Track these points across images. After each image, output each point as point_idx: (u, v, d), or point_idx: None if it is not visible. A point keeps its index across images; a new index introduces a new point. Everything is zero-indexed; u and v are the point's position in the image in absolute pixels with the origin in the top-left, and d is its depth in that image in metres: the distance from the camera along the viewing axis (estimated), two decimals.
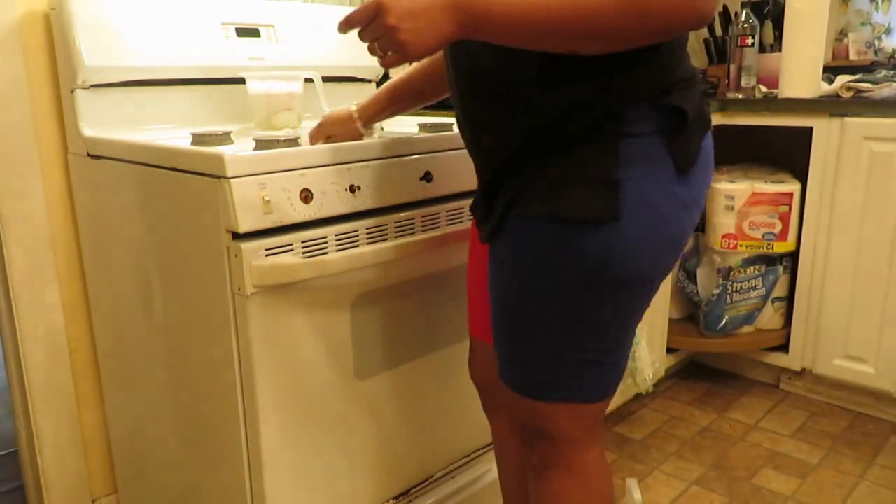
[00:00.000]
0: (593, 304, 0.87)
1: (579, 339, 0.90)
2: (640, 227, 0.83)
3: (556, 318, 0.88)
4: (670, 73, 0.83)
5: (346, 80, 1.62)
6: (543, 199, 0.84)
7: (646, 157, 0.82)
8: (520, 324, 0.92)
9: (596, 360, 0.91)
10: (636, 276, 0.86)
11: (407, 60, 0.78)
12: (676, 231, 0.87)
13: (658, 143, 0.82)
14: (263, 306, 1.03)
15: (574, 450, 0.99)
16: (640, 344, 1.84)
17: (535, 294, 0.89)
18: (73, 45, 1.27)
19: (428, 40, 0.76)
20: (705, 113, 0.90)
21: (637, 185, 0.82)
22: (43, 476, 1.47)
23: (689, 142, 0.85)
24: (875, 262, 1.87)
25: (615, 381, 0.96)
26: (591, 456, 1.00)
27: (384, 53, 0.79)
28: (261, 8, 1.55)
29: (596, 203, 0.81)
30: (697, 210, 0.90)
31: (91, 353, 1.50)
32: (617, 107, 0.81)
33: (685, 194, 0.86)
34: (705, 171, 0.90)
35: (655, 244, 0.85)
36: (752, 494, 1.67)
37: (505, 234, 0.90)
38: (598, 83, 0.81)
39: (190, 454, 1.26)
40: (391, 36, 0.75)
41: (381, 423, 1.24)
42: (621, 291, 0.87)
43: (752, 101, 2.04)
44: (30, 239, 1.37)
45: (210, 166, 1.00)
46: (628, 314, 0.91)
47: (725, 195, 2.02)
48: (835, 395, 2.10)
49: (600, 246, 0.82)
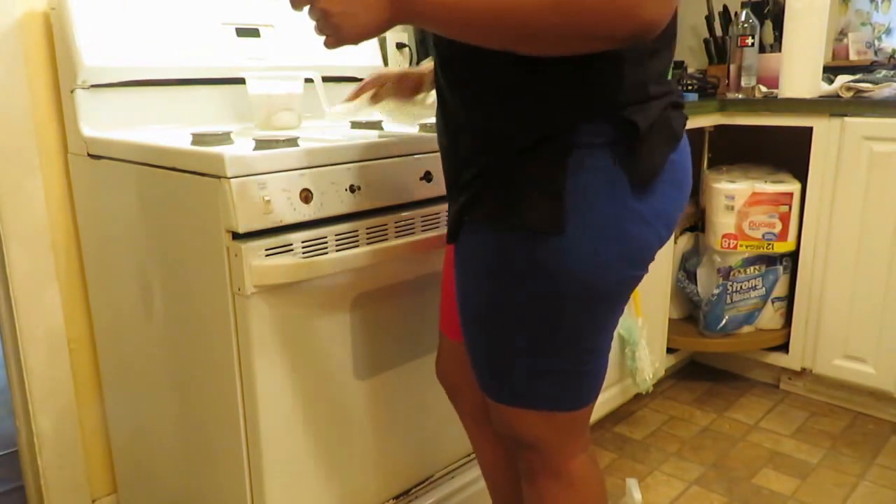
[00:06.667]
0: (548, 314, 0.85)
1: (542, 347, 0.88)
2: (587, 239, 0.81)
3: (516, 327, 0.88)
4: (629, 86, 0.80)
5: (346, 80, 1.62)
6: (491, 209, 0.84)
7: (595, 170, 0.80)
8: (477, 329, 0.92)
9: (565, 370, 0.90)
10: (585, 290, 0.83)
11: (344, 44, 0.80)
12: (632, 245, 0.84)
13: (610, 156, 0.80)
14: (263, 306, 1.03)
15: (559, 457, 0.96)
16: (640, 344, 1.84)
17: (493, 300, 0.88)
18: (73, 45, 1.27)
19: (361, 25, 0.77)
20: (672, 127, 0.86)
21: (584, 198, 0.80)
22: (43, 476, 1.47)
23: (648, 155, 0.82)
24: (875, 262, 1.87)
25: (592, 390, 0.94)
26: (579, 463, 0.98)
27: (323, 36, 0.81)
28: (261, 8, 1.55)
29: (540, 215, 0.80)
30: (664, 226, 0.87)
31: (91, 353, 1.50)
32: (569, 119, 0.80)
33: (644, 208, 0.83)
34: (676, 187, 0.87)
35: (605, 258, 0.82)
36: (752, 494, 1.67)
37: (462, 237, 0.90)
38: (550, 95, 0.80)
39: (190, 454, 1.26)
40: (325, 20, 0.78)
41: (381, 423, 1.24)
42: (576, 303, 0.84)
43: (752, 101, 2.04)
44: (30, 239, 1.37)
45: (210, 166, 1.00)
46: (592, 325, 0.88)
47: (725, 195, 2.02)
48: (835, 395, 2.10)
49: (545, 257, 0.81)
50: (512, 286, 0.85)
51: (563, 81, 0.79)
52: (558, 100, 0.80)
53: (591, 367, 0.92)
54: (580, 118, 0.80)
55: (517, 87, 0.81)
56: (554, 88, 0.79)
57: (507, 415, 0.95)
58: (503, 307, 0.87)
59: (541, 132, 0.81)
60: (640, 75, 0.81)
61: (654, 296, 1.93)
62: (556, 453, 0.96)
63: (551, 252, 0.81)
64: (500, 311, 0.88)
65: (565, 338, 0.87)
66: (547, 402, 0.92)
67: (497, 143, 0.84)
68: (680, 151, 0.88)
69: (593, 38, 0.70)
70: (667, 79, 0.87)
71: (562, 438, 0.95)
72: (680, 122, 0.88)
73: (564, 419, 0.94)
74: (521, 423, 0.95)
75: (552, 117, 0.80)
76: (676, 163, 0.87)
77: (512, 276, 0.85)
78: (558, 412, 0.93)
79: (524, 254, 0.83)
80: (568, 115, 0.80)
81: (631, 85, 0.80)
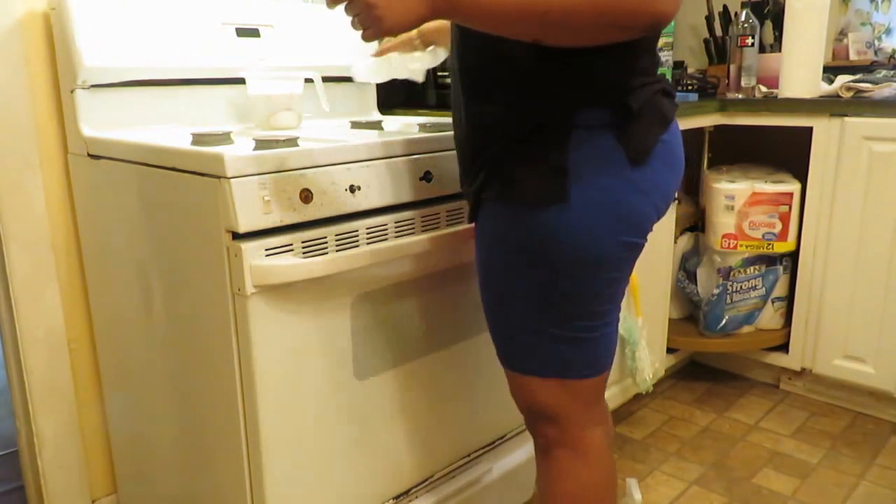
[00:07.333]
0: (557, 281, 0.94)
1: (552, 315, 0.96)
2: (589, 207, 0.90)
3: (526, 295, 0.96)
4: (623, 74, 0.91)
5: (346, 80, 1.62)
6: (504, 184, 0.94)
7: (595, 148, 0.90)
8: (497, 302, 1.01)
9: (575, 337, 0.97)
10: (590, 254, 0.92)
11: (383, 35, 0.85)
12: (630, 212, 0.92)
13: (608, 136, 0.90)
14: (263, 306, 1.03)
15: (576, 429, 1.03)
16: (640, 344, 1.84)
17: (505, 272, 0.97)
18: (73, 45, 1.27)
19: (402, 17, 0.83)
20: (662, 109, 0.95)
21: (586, 172, 0.90)
22: (43, 476, 1.47)
23: (642, 135, 0.92)
24: (875, 262, 1.87)
25: (603, 358, 1.02)
26: (594, 436, 1.04)
27: (363, 28, 0.86)
28: (261, 8, 1.55)
29: (547, 187, 0.90)
30: (661, 198, 0.96)
31: (91, 353, 1.50)
32: (572, 104, 0.90)
33: (640, 179, 0.92)
34: (669, 166, 0.96)
35: (606, 224, 0.91)
36: (752, 494, 1.67)
37: (480, 216, 1.00)
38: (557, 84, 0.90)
39: (190, 454, 1.26)
40: (368, 12, 0.83)
41: (381, 424, 1.24)
42: (581, 269, 0.93)
43: (752, 101, 2.04)
44: (30, 239, 1.37)
45: (210, 166, 1.00)
46: (598, 291, 0.96)
47: (725, 195, 2.02)
48: (835, 395, 2.10)
49: (552, 225, 0.91)
50: (522, 254, 0.94)
51: (570, 71, 0.89)
52: (563, 88, 0.90)
53: (599, 335, 0.99)
54: (582, 104, 0.90)
55: (527, 78, 0.91)
56: (561, 78, 0.89)
57: (523, 384, 1.03)
58: (514, 276, 0.96)
59: (546, 117, 0.91)
60: (634, 66, 0.92)
61: (654, 296, 1.94)
62: (572, 424, 1.03)
63: (557, 220, 0.90)
64: (511, 281, 0.97)
65: (572, 304, 0.95)
66: (558, 369, 0.99)
67: (508, 128, 0.94)
68: (671, 133, 0.97)
69: (617, 28, 0.81)
70: (656, 71, 0.97)
71: (577, 407, 1.02)
72: (669, 107, 0.98)
73: (577, 387, 1.01)
74: (535, 391, 1.02)
75: (557, 104, 0.90)
76: (668, 143, 0.96)
77: (522, 245, 0.94)
78: (570, 380, 1.00)
79: (533, 223, 0.92)
80: (571, 101, 0.90)
81: (626, 74, 0.91)
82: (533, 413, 1.05)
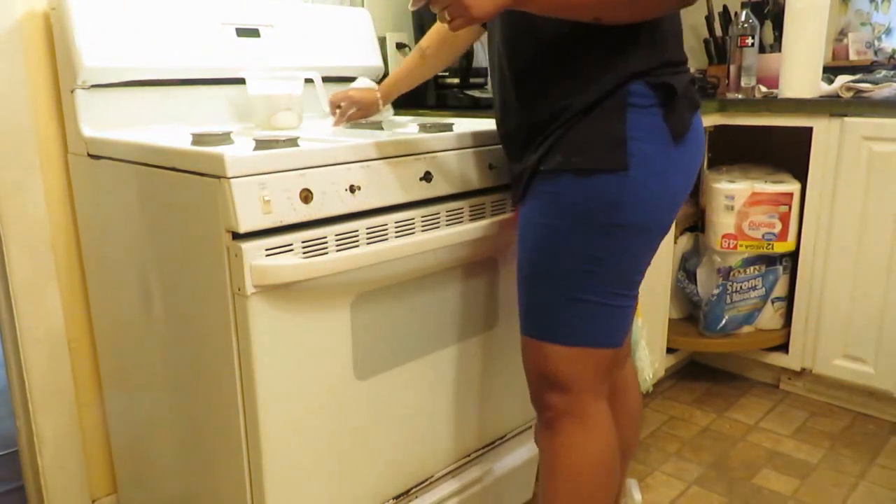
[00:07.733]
0: (607, 246, 1.02)
1: (594, 281, 1.03)
2: (645, 177, 1.00)
3: (574, 262, 1.03)
4: (662, 56, 1.02)
5: (346, 80, 1.62)
6: (567, 155, 1.02)
7: (647, 125, 1.00)
8: (541, 272, 1.06)
9: (607, 304, 1.05)
10: (643, 221, 1.02)
11: (471, 23, 0.92)
12: (673, 188, 1.03)
13: (657, 115, 1.00)
14: (263, 306, 1.03)
15: (585, 400, 1.08)
16: (640, 344, 1.84)
17: (558, 240, 1.04)
18: (73, 45, 1.27)
19: (487, 5, 0.90)
20: (692, 94, 1.06)
21: (641, 146, 0.99)
22: (43, 476, 1.47)
23: (681, 116, 1.02)
24: (875, 262, 1.87)
25: (623, 329, 1.08)
26: (601, 407, 1.10)
27: (452, 18, 0.92)
28: (261, 8, 1.55)
29: (609, 156, 0.99)
30: (689, 178, 1.06)
31: (91, 353, 1.50)
32: (622, 83, 0.99)
33: (680, 159, 1.03)
34: (696, 148, 1.06)
35: (657, 195, 1.01)
36: (752, 494, 1.67)
37: (533, 193, 1.07)
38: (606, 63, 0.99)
39: (190, 454, 1.26)
40: (459, 2, 0.89)
41: (381, 423, 1.24)
42: (630, 235, 1.02)
43: (752, 101, 2.04)
44: (30, 239, 1.38)
45: (210, 166, 1.00)
46: (637, 259, 1.05)
47: (725, 195, 2.02)
48: (835, 395, 2.10)
49: (614, 192, 0.99)
50: (578, 218, 1.01)
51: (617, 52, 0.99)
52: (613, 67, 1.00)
53: (626, 303, 1.07)
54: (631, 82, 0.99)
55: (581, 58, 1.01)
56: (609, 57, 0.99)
57: (544, 352, 1.08)
58: (566, 241, 1.03)
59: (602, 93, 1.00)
60: (669, 48, 1.03)
61: (654, 296, 1.94)
62: (584, 393, 1.08)
63: (617, 187, 0.99)
64: (561, 245, 1.03)
65: (614, 270, 1.03)
66: (589, 337, 1.06)
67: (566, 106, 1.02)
68: (698, 118, 1.08)
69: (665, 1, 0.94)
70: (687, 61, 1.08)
71: (595, 376, 1.08)
72: (696, 93, 1.08)
73: (600, 357, 1.07)
74: (560, 361, 1.07)
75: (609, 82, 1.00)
76: (696, 126, 1.06)
77: (579, 209, 1.01)
78: (592, 348, 1.06)
79: (592, 189, 1.00)
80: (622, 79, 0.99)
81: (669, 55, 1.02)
82: (546, 381, 1.09)
